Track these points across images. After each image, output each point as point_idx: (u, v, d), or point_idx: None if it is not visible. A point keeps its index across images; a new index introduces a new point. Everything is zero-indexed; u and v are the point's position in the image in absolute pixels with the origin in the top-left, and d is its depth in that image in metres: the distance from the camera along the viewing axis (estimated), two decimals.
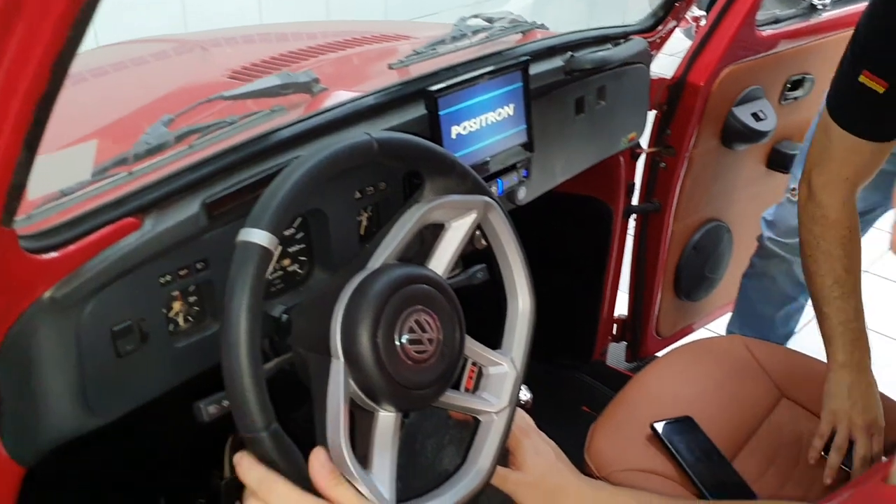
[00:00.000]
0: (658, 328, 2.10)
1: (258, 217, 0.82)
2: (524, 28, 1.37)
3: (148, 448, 1.55)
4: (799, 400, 1.50)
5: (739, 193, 2.04)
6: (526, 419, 1.13)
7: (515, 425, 1.09)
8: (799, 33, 1.86)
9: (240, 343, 0.79)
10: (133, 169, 0.90)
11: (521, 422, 1.11)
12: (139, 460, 1.55)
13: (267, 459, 0.81)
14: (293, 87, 1.09)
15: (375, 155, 0.91)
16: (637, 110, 1.63)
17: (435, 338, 0.94)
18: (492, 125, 1.22)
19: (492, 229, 1.05)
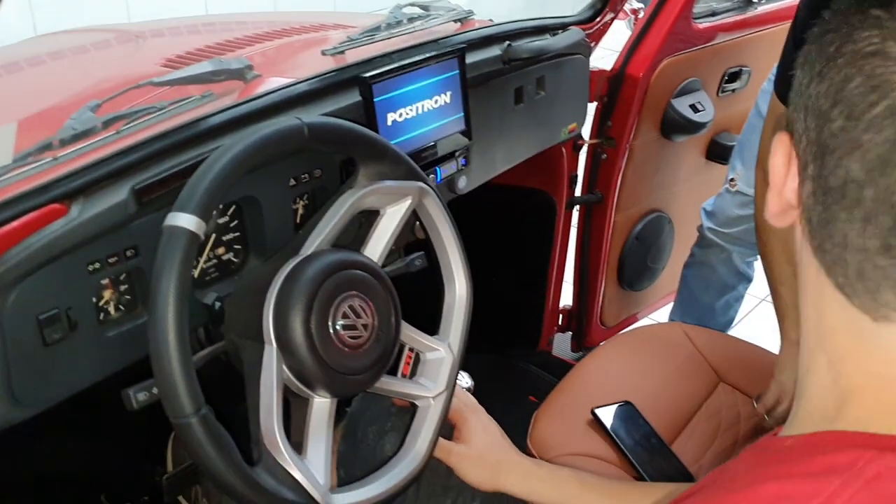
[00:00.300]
0: (602, 318, 2.12)
1: (185, 201, 0.81)
2: (460, 16, 1.38)
3: (88, 446, 1.53)
4: (736, 384, 1.53)
5: (680, 185, 2.07)
6: (471, 399, 1.14)
7: (462, 402, 1.11)
8: (735, 26, 1.89)
9: (167, 327, 0.78)
10: (58, 154, 0.89)
11: (467, 399, 1.13)
12: (78, 458, 1.53)
13: (196, 445, 0.80)
14: (225, 74, 1.08)
15: (306, 140, 0.91)
16: (577, 101, 1.65)
17: (370, 323, 0.94)
18: (429, 113, 1.23)
19: (427, 216, 1.05)
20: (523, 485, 1.05)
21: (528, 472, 1.06)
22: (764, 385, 1.51)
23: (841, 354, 0.53)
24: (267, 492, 0.84)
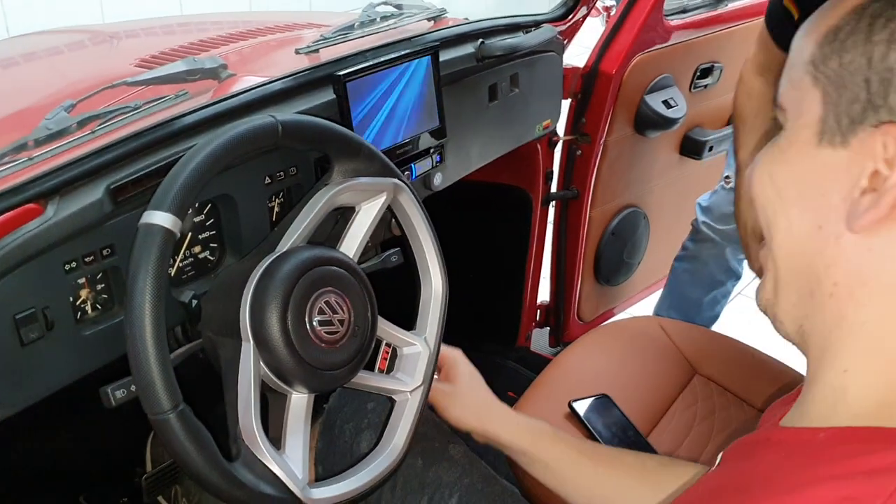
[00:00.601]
0: (580, 313, 2.14)
1: (160, 199, 0.82)
2: (433, 15, 1.39)
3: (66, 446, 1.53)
4: (711, 376, 1.55)
5: (655, 180, 2.09)
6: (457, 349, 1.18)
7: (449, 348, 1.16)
8: (706, 23, 1.92)
9: (144, 324, 0.79)
10: (33, 154, 0.89)
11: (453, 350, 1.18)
12: (57, 459, 1.52)
13: (174, 441, 0.81)
14: (200, 73, 1.08)
15: (280, 137, 0.91)
16: (551, 98, 1.66)
17: (346, 319, 0.95)
18: (403, 110, 1.24)
19: (403, 211, 1.06)
20: (502, 429, 1.09)
21: (508, 418, 1.10)
22: (738, 376, 1.53)
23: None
24: (245, 486, 0.84)
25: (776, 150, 0.62)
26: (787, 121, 0.62)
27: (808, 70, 0.59)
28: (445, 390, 1.12)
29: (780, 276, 0.63)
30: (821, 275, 0.59)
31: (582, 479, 1.04)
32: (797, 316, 0.62)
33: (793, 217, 0.60)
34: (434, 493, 1.12)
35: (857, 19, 0.56)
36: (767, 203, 0.62)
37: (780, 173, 0.61)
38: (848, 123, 0.55)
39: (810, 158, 0.58)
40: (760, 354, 1.59)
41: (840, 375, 0.59)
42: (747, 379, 1.52)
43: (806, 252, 0.59)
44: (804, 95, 0.59)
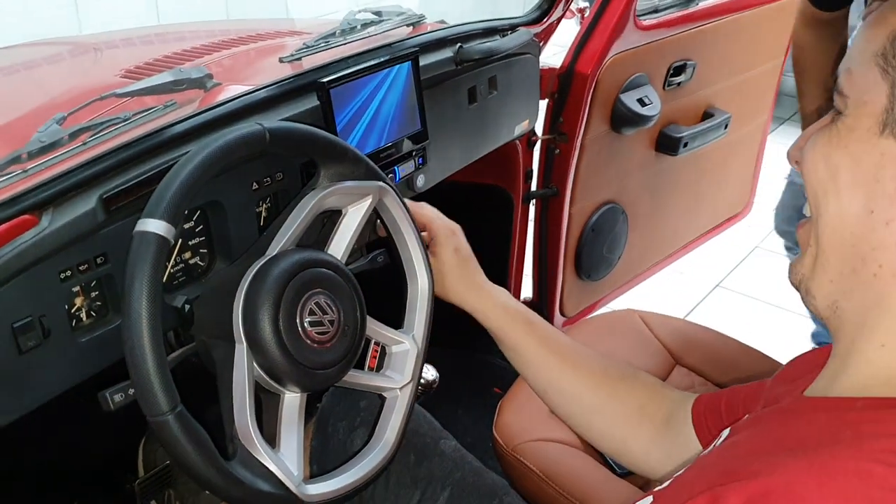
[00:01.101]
0: (563, 308, 2.17)
1: (154, 208, 0.84)
2: (412, 20, 1.42)
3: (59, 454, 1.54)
4: (692, 366, 1.59)
5: (632, 176, 2.13)
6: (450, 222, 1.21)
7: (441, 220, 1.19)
8: (678, 21, 1.95)
9: (141, 329, 0.81)
10: (27, 167, 0.91)
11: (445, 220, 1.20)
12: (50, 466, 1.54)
13: (173, 441, 0.83)
14: (186, 84, 1.11)
15: (267, 144, 0.94)
16: (529, 99, 1.70)
17: (336, 319, 0.97)
18: (385, 114, 1.26)
19: (388, 213, 1.09)
20: (481, 307, 1.13)
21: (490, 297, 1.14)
22: (718, 366, 1.57)
23: None
24: (243, 484, 0.87)
25: (833, 134, 0.64)
26: (846, 107, 0.63)
27: (876, 62, 0.61)
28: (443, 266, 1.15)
29: (822, 252, 0.65)
30: (866, 256, 0.61)
31: (545, 371, 1.09)
32: (833, 291, 0.65)
33: (844, 199, 0.62)
34: (426, 488, 1.14)
35: None
36: (819, 184, 0.64)
37: (836, 157, 0.63)
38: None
39: (871, 146, 0.60)
40: (739, 344, 1.63)
41: (878, 350, 0.62)
42: (727, 368, 1.56)
43: (854, 233, 0.62)
44: (870, 86, 0.61)
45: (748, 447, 0.66)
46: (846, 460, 0.54)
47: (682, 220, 2.42)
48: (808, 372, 0.74)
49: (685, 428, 0.98)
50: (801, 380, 0.74)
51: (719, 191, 2.49)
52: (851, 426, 0.58)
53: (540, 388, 1.11)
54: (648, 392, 1.04)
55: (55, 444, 1.51)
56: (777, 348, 2.26)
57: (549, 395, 1.11)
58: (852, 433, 0.57)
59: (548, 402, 1.12)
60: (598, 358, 1.09)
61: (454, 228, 1.19)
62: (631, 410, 1.04)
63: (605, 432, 1.06)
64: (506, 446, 1.40)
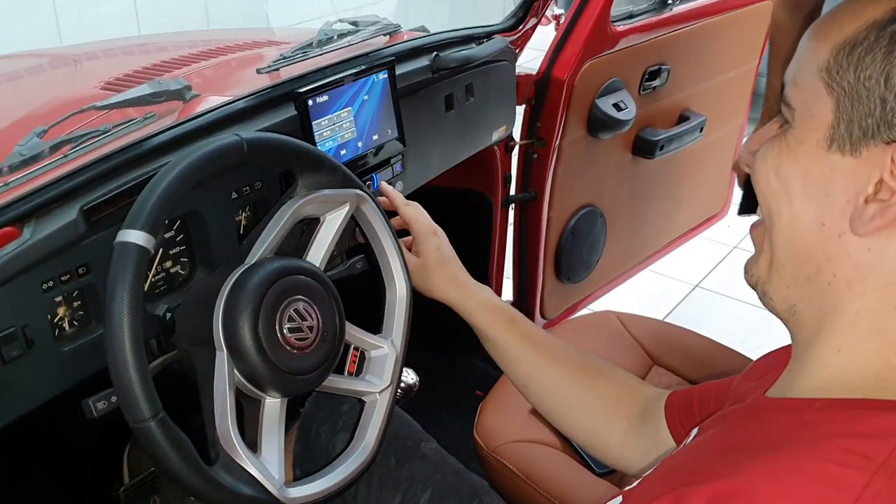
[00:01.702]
0: (543, 311, 2.19)
1: (134, 218, 0.86)
2: (388, 30, 1.44)
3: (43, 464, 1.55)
4: (670, 366, 1.61)
5: (609, 179, 2.16)
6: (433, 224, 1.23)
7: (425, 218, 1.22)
8: (652, 27, 1.98)
9: (123, 337, 0.83)
10: (9, 180, 0.93)
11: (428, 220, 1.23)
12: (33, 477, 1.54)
13: (156, 447, 0.85)
14: (165, 95, 1.12)
15: (246, 155, 0.96)
16: (505, 105, 1.72)
17: (315, 325, 0.99)
18: (363, 123, 1.29)
19: (366, 220, 1.11)
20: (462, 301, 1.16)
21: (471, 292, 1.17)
22: (694, 366, 1.60)
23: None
24: (225, 488, 0.89)
25: (784, 146, 0.64)
26: (794, 119, 0.64)
27: (821, 77, 0.61)
28: (413, 261, 1.17)
29: (777, 259, 0.66)
30: (820, 265, 0.62)
31: (525, 365, 1.11)
32: (789, 296, 0.67)
33: (796, 209, 0.63)
34: (407, 490, 1.16)
35: (876, 37, 0.58)
36: (772, 195, 0.65)
37: (786, 169, 0.63)
38: (859, 135, 0.58)
39: (819, 160, 0.61)
40: (715, 344, 1.66)
41: (834, 354, 0.63)
42: (703, 368, 1.59)
43: (807, 242, 0.63)
44: (815, 100, 0.61)
45: (712, 447, 0.68)
46: (803, 462, 0.56)
47: (661, 222, 2.45)
48: (773, 370, 0.76)
49: (659, 423, 1.00)
50: (767, 377, 0.76)
51: (697, 192, 2.52)
52: (808, 427, 0.60)
53: (520, 382, 1.13)
54: (625, 387, 1.07)
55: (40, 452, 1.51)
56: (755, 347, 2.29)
57: (529, 388, 1.13)
58: (809, 434, 0.58)
59: (527, 395, 1.14)
60: (577, 353, 1.11)
61: (435, 229, 1.22)
62: (607, 404, 1.06)
63: (582, 426, 1.08)
64: (486, 448, 1.42)
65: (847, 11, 0.61)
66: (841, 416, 0.59)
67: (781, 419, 0.64)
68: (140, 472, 1.54)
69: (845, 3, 0.62)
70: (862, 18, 0.59)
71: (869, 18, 0.59)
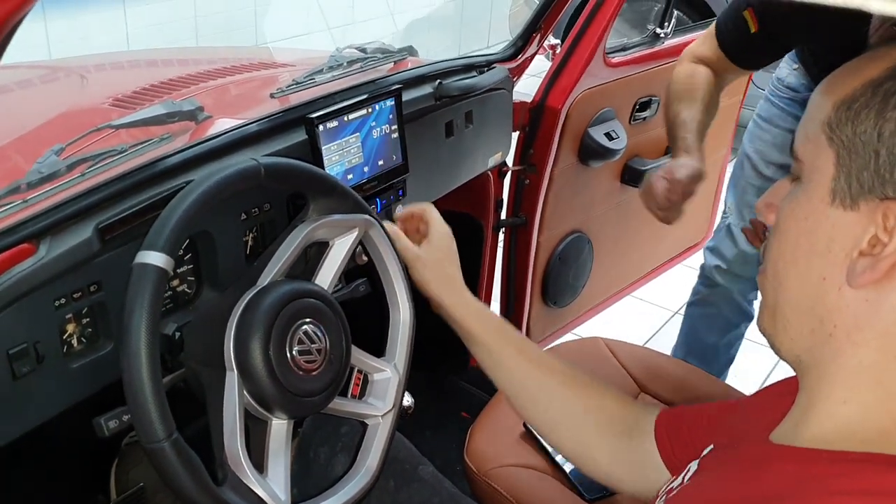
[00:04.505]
0: (529, 334, 2.21)
1: (154, 240, 0.87)
2: (395, 58, 1.46)
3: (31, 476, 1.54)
4: (655, 394, 1.64)
5: (598, 207, 2.19)
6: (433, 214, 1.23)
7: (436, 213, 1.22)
8: (644, 59, 2.03)
9: (140, 358, 0.83)
10: (27, 197, 0.93)
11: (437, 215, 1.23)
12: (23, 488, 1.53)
13: (168, 468, 0.86)
14: (178, 116, 1.14)
15: (262, 179, 0.98)
16: (502, 132, 1.75)
17: (323, 348, 1.01)
18: (369, 148, 1.31)
19: (373, 245, 1.13)
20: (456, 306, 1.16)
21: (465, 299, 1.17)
22: (680, 395, 1.62)
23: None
24: None
25: (795, 205, 0.67)
26: (802, 172, 0.66)
27: (823, 130, 0.64)
28: (417, 253, 1.17)
29: (782, 312, 0.69)
30: (822, 317, 0.64)
31: (517, 374, 1.12)
32: (794, 347, 0.69)
33: (801, 268, 0.66)
34: None
35: (872, 93, 0.61)
36: (780, 255, 0.68)
37: (796, 229, 0.66)
38: (858, 189, 0.61)
39: (824, 216, 0.63)
40: (700, 373, 1.69)
41: (839, 405, 0.65)
42: (689, 397, 1.62)
43: (811, 297, 0.65)
44: (819, 152, 0.64)
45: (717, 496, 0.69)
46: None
47: (645, 249, 2.48)
48: (775, 407, 0.76)
49: (647, 442, 1.01)
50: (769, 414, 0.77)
51: (680, 221, 2.56)
52: (817, 481, 0.61)
53: (512, 393, 1.13)
54: (616, 403, 1.07)
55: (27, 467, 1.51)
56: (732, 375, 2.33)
57: (521, 399, 1.13)
58: (818, 488, 0.60)
59: (518, 406, 1.14)
60: (569, 366, 1.12)
61: (450, 231, 1.23)
62: (597, 418, 1.06)
63: (572, 438, 1.09)
64: (477, 471, 1.43)
65: (850, 69, 0.65)
66: (850, 471, 0.60)
67: (789, 470, 0.65)
68: (127, 488, 1.53)
69: (849, 62, 0.65)
70: (861, 77, 0.62)
71: (867, 77, 0.62)
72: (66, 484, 1.60)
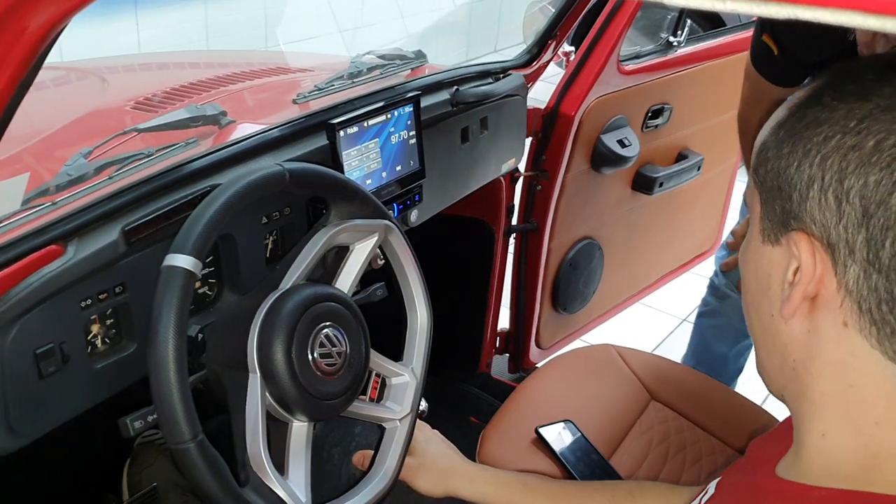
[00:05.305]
0: (538, 340, 2.22)
1: (182, 243, 0.88)
2: (413, 64, 1.48)
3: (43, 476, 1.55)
4: (666, 402, 1.64)
5: (609, 213, 2.20)
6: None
7: None
8: (657, 67, 2.04)
9: (169, 360, 0.85)
10: (56, 199, 0.95)
11: None
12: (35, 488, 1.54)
13: (194, 468, 0.87)
14: (202, 120, 1.15)
15: (287, 184, 0.99)
16: (516, 138, 1.76)
17: (343, 351, 1.02)
18: (388, 153, 1.32)
19: (392, 250, 1.14)
20: (471, 487, 1.15)
21: (475, 476, 1.16)
22: (691, 402, 1.63)
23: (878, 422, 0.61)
24: None
25: (745, 249, 0.70)
26: (751, 216, 0.69)
27: (752, 174, 0.67)
28: (410, 464, 1.16)
29: (758, 352, 0.71)
30: (783, 353, 0.66)
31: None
32: (775, 384, 0.70)
33: (757, 305, 0.68)
34: None
35: (776, 134, 0.63)
36: (745, 296, 0.71)
37: (747, 269, 0.69)
38: (778, 224, 0.63)
39: (760, 255, 0.66)
40: (710, 381, 1.70)
41: (819, 440, 0.65)
42: (699, 404, 1.62)
43: (769, 334, 0.67)
44: (753, 195, 0.67)
45: None
46: None
47: (655, 257, 2.49)
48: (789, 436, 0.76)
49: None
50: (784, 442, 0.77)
51: (690, 229, 2.58)
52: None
53: None
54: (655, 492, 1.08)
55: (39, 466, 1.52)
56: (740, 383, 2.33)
57: None
58: None
59: None
60: (601, 489, 1.12)
61: (427, 428, 1.24)
62: None
63: None
64: None
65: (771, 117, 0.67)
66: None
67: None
68: (139, 488, 1.54)
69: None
70: (772, 122, 0.65)
71: (775, 119, 0.65)
72: (77, 483, 1.61)
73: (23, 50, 0.63)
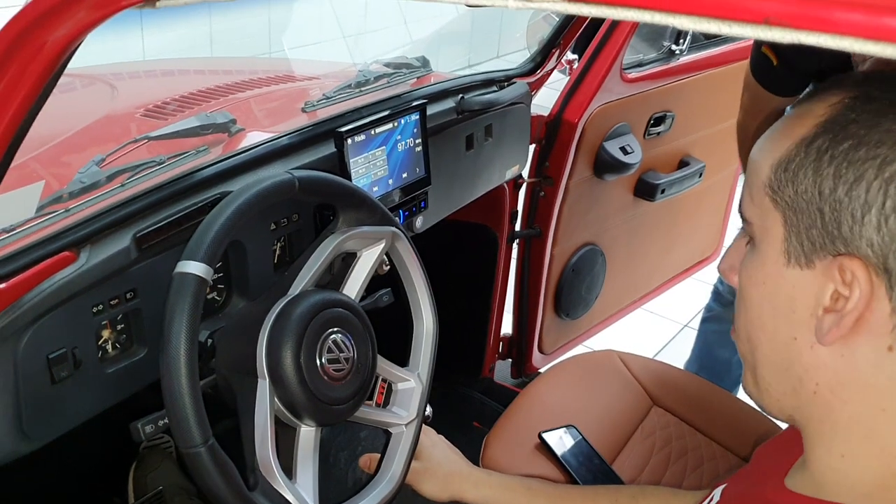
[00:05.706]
0: (541, 345, 2.23)
1: (194, 250, 0.90)
2: (419, 73, 1.49)
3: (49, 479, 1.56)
4: (668, 407, 1.65)
5: (611, 219, 2.21)
6: None
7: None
8: (660, 75, 2.05)
9: (181, 366, 0.86)
10: (69, 206, 0.96)
11: None
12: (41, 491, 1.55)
13: (205, 472, 0.88)
14: (212, 128, 1.17)
15: (296, 192, 1.00)
16: (519, 145, 1.78)
17: (351, 357, 1.03)
18: (394, 161, 1.33)
19: (399, 257, 1.16)
20: (476, 492, 1.16)
21: (480, 480, 1.18)
22: (692, 408, 1.64)
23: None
24: None
25: (752, 269, 0.67)
26: (755, 234, 0.66)
27: (766, 192, 0.63)
28: (415, 468, 1.17)
29: (762, 376, 0.69)
30: (801, 377, 0.64)
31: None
32: (783, 408, 0.69)
33: (769, 329, 0.66)
34: None
35: (805, 152, 0.60)
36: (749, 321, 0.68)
37: (757, 294, 0.66)
38: (810, 247, 0.60)
39: (782, 278, 0.63)
40: (713, 387, 1.71)
41: (838, 459, 0.65)
42: (701, 410, 1.64)
43: (785, 358, 0.65)
44: (766, 214, 0.64)
45: None
46: None
47: (657, 263, 2.51)
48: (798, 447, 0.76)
49: None
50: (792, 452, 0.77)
51: (691, 235, 2.59)
52: None
53: None
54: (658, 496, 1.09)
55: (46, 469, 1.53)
56: None
57: None
58: None
59: None
60: (605, 493, 1.13)
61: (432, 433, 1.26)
62: None
63: None
64: None
65: (781, 130, 0.64)
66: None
67: None
68: (145, 491, 1.55)
69: (779, 122, 0.66)
70: (792, 136, 0.62)
71: (797, 136, 0.61)
72: (83, 486, 1.62)
73: (42, 63, 0.65)
